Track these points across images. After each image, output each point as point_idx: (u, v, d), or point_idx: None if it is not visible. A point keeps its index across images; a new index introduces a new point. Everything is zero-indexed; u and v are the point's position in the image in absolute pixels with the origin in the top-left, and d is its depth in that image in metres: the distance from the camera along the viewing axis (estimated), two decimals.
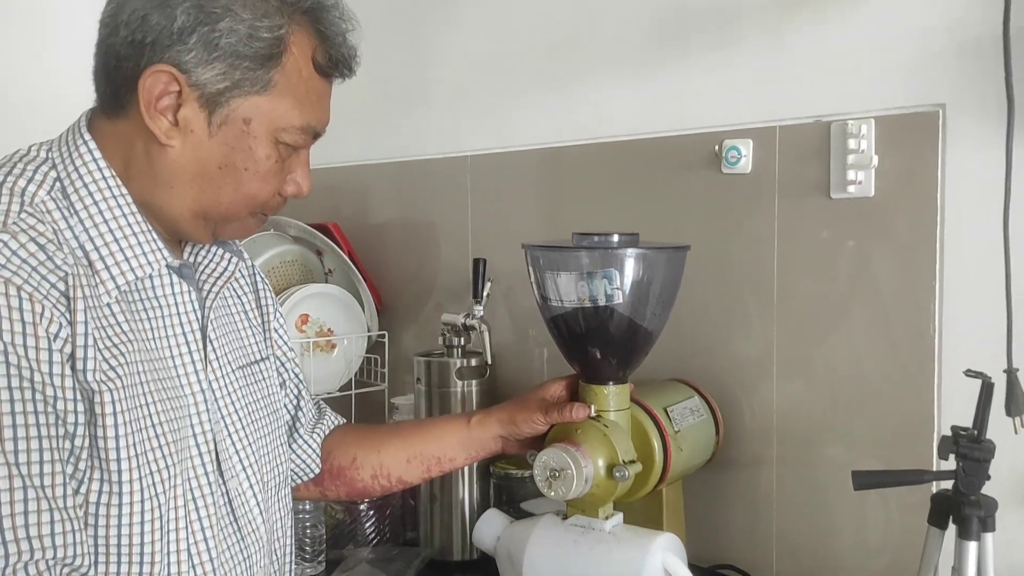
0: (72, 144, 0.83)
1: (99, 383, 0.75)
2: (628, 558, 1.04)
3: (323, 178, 2.02)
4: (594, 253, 1.08)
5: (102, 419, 0.75)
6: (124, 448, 0.77)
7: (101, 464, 0.76)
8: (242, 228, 0.89)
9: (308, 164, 0.90)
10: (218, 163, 0.82)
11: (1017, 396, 0.94)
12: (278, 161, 0.85)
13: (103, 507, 0.76)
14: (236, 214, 0.85)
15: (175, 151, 0.81)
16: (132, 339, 0.80)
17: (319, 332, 1.75)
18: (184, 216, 0.84)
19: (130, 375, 0.78)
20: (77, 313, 0.75)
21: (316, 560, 1.50)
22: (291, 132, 0.84)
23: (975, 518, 0.93)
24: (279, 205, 0.90)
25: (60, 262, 0.75)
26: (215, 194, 0.83)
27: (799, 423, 1.24)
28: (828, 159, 1.18)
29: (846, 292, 1.19)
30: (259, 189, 0.85)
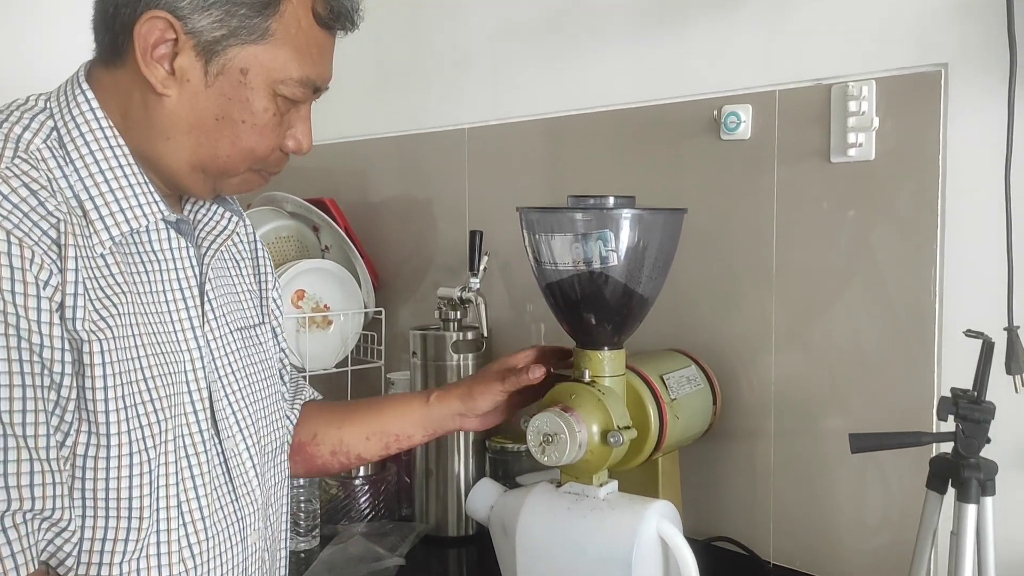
0: (70, 94, 0.82)
1: (89, 333, 0.74)
2: (622, 525, 1.03)
3: (320, 154, 2.01)
4: (589, 214, 1.06)
5: (90, 369, 0.74)
6: (112, 400, 0.75)
7: (89, 416, 0.74)
8: (242, 183, 0.87)
9: (309, 120, 0.88)
10: (215, 114, 0.81)
11: (1017, 354, 0.92)
12: (276, 114, 0.83)
13: (90, 460, 0.75)
14: (235, 168, 0.84)
15: (171, 101, 0.80)
16: (126, 291, 0.79)
17: (315, 308, 1.74)
18: (182, 169, 0.83)
19: (122, 327, 0.77)
20: (68, 261, 0.73)
21: (310, 534, 1.49)
22: (289, 85, 0.82)
23: (974, 481, 0.91)
24: (280, 161, 0.88)
25: (52, 208, 0.74)
26: (213, 146, 0.82)
27: (797, 394, 1.23)
28: (828, 123, 1.16)
29: (845, 259, 1.17)
30: (257, 143, 0.83)
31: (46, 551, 0.75)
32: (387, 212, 1.88)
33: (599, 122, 1.45)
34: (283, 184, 1.88)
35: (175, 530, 0.79)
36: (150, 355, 0.79)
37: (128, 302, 0.79)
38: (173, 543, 0.79)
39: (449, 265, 1.73)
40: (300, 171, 2.03)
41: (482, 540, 1.22)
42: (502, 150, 1.62)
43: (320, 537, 1.49)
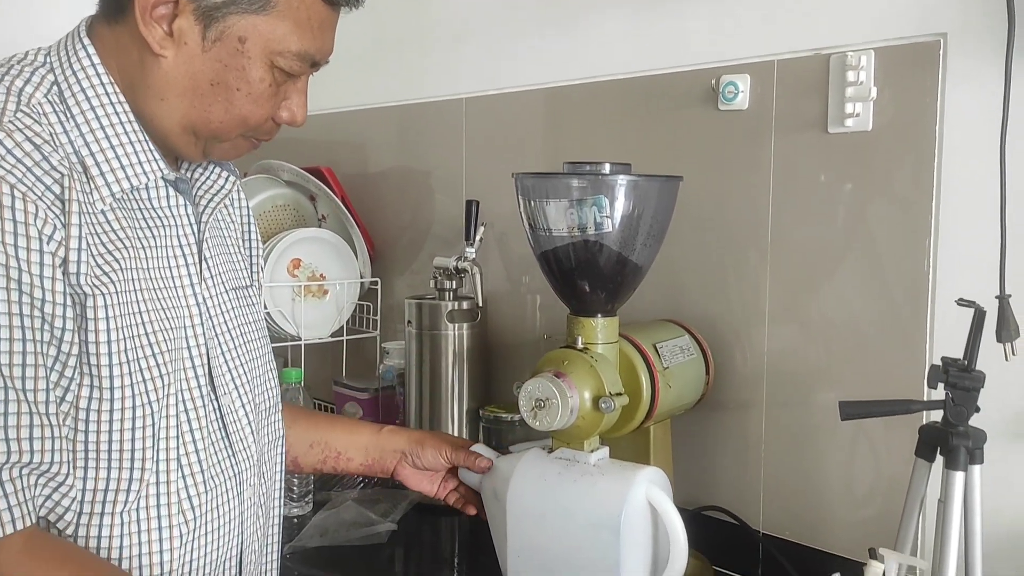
0: (71, 49, 0.82)
1: (92, 287, 0.75)
2: (612, 490, 1.03)
3: (317, 124, 2.01)
4: (584, 180, 1.06)
5: (94, 323, 0.75)
6: (116, 353, 0.76)
7: (91, 370, 0.75)
8: (233, 149, 0.87)
9: (305, 93, 0.88)
10: (210, 79, 0.81)
11: (1008, 322, 0.92)
12: (272, 85, 0.83)
13: (93, 412, 0.76)
14: (226, 134, 0.84)
15: (168, 62, 0.80)
16: (128, 247, 0.79)
17: (311, 277, 1.74)
18: (174, 130, 0.83)
19: (124, 281, 0.78)
20: (72, 216, 0.74)
21: (303, 500, 1.49)
22: (287, 57, 0.82)
23: (963, 449, 0.92)
24: (272, 131, 0.88)
25: (56, 163, 0.74)
26: (206, 111, 0.82)
27: (790, 366, 1.23)
28: (826, 93, 1.16)
29: (840, 229, 1.17)
30: (251, 112, 0.83)
31: (44, 506, 0.75)
32: (384, 182, 1.87)
33: (597, 92, 1.45)
34: (280, 153, 1.88)
35: (174, 482, 0.80)
36: (151, 310, 0.80)
37: (130, 257, 0.79)
38: (172, 494, 0.80)
39: (446, 236, 1.73)
40: (297, 141, 2.03)
41: None
42: (500, 120, 1.62)
43: (313, 503, 1.50)
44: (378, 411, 1.70)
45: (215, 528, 0.84)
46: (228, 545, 0.86)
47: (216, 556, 0.84)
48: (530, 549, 1.08)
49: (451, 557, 1.43)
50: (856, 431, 1.16)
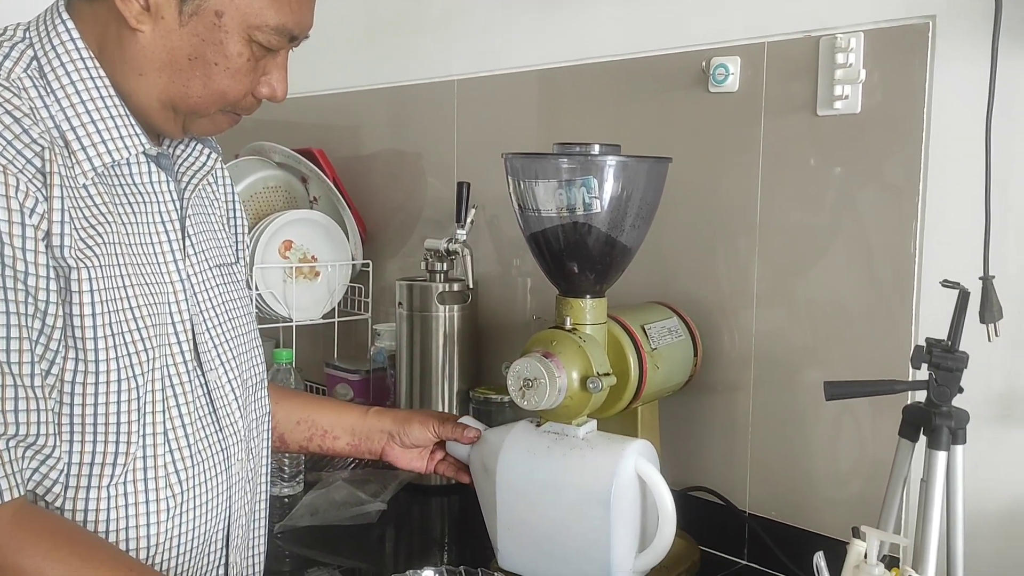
0: (50, 23, 0.81)
1: (76, 260, 0.75)
2: (601, 463, 1.04)
3: (308, 106, 2.01)
4: (573, 161, 1.07)
5: (78, 296, 0.75)
6: (101, 327, 0.76)
7: (76, 343, 0.75)
8: (212, 124, 0.87)
9: (285, 68, 0.88)
10: (188, 54, 0.80)
11: (991, 303, 0.93)
12: (251, 60, 0.83)
13: (79, 385, 0.76)
14: (205, 109, 0.84)
15: (145, 37, 0.80)
16: (110, 221, 0.79)
17: (302, 259, 1.74)
18: (153, 106, 0.83)
19: (107, 255, 0.78)
20: (54, 189, 0.74)
21: (294, 480, 1.50)
22: (265, 32, 0.82)
23: (945, 429, 0.92)
24: (252, 106, 0.88)
25: (36, 136, 0.74)
26: (184, 86, 0.81)
27: (777, 347, 1.24)
28: (816, 75, 1.16)
29: (828, 212, 1.18)
30: (229, 86, 0.83)
31: (32, 479, 0.76)
32: (376, 164, 1.87)
33: (588, 74, 1.45)
34: (271, 135, 1.88)
35: (161, 456, 0.81)
36: (135, 285, 0.80)
37: (113, 232, 0.79)
38: (159, 468, 0.81)
39: (437, 219, 1.73)
40: (289, 123, 2.03)
41: (464, 490, 1.23)
42: (491, 102, 1.62)
43: (304, 483, 1.51)
44: (369, 393, 1.71)
45: (203, 503, 0.84)
46: (216, 519, 0.86)
47: (204, 530, 0.85)
48: (520, 522, 1.10)
49: (441, 537, 1.44)
50: (842, 412, 1.17)
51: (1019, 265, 1.03)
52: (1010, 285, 1.02)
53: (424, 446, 1.16)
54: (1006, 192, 1.02)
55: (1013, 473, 1.06)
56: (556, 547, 1.07)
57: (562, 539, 1.07)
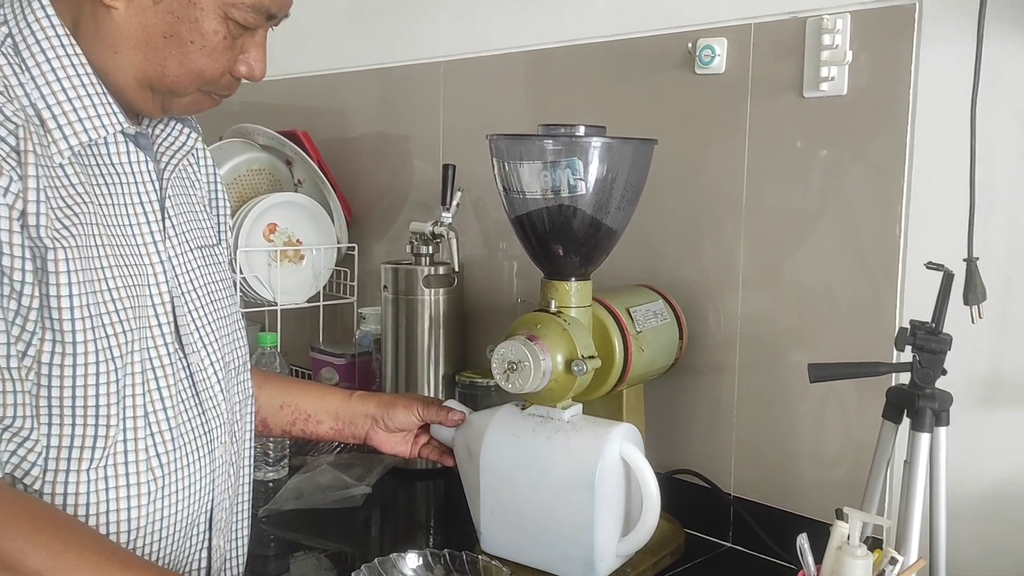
0: (24, 1, 0.79)
1: (53, 240, 0.74)
2: (586, 447, 1.04)
3: (293, 88, 1.99)
4: (558, 142, 1.06)
5: (55, 277, 0.74)
6: (78, 308, 0.75)
7: (53, 324, 0.74)
8: (192, 104, 0.86)
9: (264, 47, 0.86)
10: (163, 32, 0.79)
11: (975, 285, 0.93)
12: (227, 38, 0.81)
13: (56, 367, 0.75)
14: (183, 88, 0.82)
15: (119, 14, 0.78)
16: (87, 201, 0.78)
17: (287, 242, 1.73)
18: (130, 84, 0.81)
19: (84, 236, 0.77)
20: (28, 167, 0.72)
21: (279, 464, 1.50)
22: (241, 9, 0.80)
23: (928, 410, 0.93)
24: (231, 85, 0.86)
25: (10, 114, 0.73)
26: (160, 65, 0.80)
27: (763, 330, 1.24)
28: (802, 57, 1.15)
29: (814, 194, 1.17)
30: (206, 65, 0.81)
31: (10, 462, 0.75)
32: (361, 147, 1.86)
33: (575, 56, 1.44)
34: (256, 117, 1.86)
35: (142, 439, 0.80)
36: (113, 266, 0.79)
37: (90, 212, 0.78)
38: (140, 452, 0.80)
39: (423, 201, 1.72)
40: (273, 105, 2.01)
41: (449, 474, 1.23)
42: (478, 84, 1.60)
43: (289, 467, 1.50)
44: (355, 377, 1.70)
45: (185, 486, 0.83)
46: (198, 503, 0.85)
47: (186, 514, 0.84)
48: (503, 506, 1.09)
49: (426, 520, 1.44)
50: (827, 394, 1.17)
51: (1003, 247, 1.03)
52: (994, 267, 1.02)
53: (408, 430, 1.15)
54: (991, 174, 1.02)
55: (996, 455, 1.06)
56: (540, 531, 1.07)
57: (546, 523, 1.06)
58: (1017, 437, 1.05)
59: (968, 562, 1.05)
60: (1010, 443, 1.05)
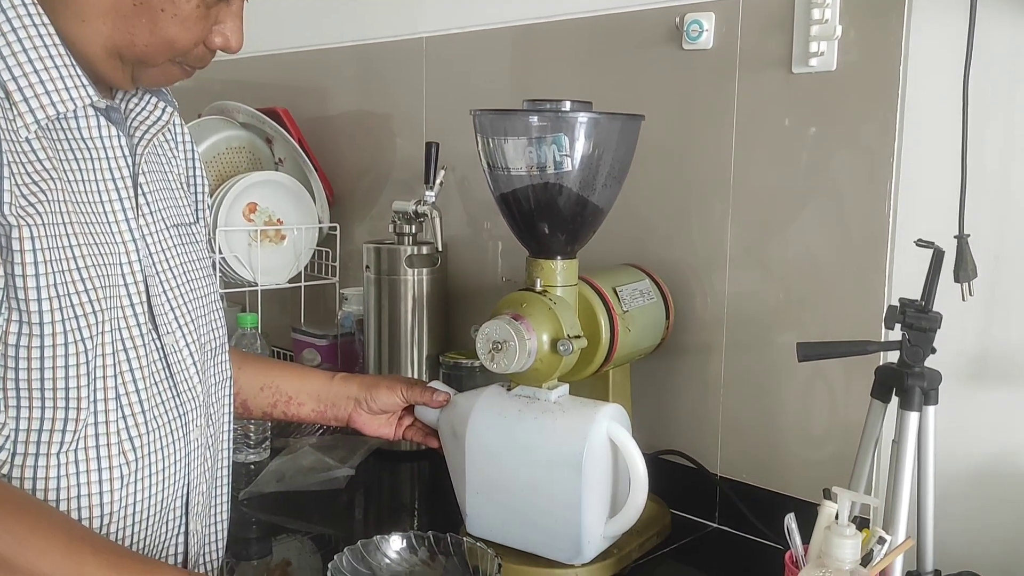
0: None
1: (18, 218, 0.71)
2: (573, 427, 1.03)
3: (274, 64, 1.95)
4: (544, 118, 1.04)
5: (20, 256, 0.71)
6: (45, 288, 0.73)
7: (19, 304, 0.72)
8: (163, 75, 0.82)
9: (240, 17, 0.83)
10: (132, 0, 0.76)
11: (966, 262, 0.92)
12: (201, 7, 0.78)
13: (23, 349, 0.72)
14: (153, 59, 0.79)
15: None
16: (55, 177, 0.75)
17: (268, 222, 1.70)
18: (99, 54, 0.78)
19: (52, 213, 0.74)
20: None
21: (261, 447, 1.48)
22: None
23: (918, 389, 0.92)
24: (205, 57, 0.83)
25: None
26: (129, 33, 0.77)
27: (750, 309, 1.23)
28: (791, 31, 1.14)
29: (803, 171, 1.16)
30: (178, 35, 0.78)
31: None
32: (343, 125, 1.83)
33: (560, 31, 1.41)
34: (235, 94, 1.83)
35: (113, 422, 0.78)
36: (82, 244, 0.76)
37: (58, 189, 0.75)
38: (112, 435, 0.77)
39: (406, 180, 1.70)
40: (253, 82, 1.98)
41: (433, 456, 1.21)
42: (461, 61, 1.58)
43: (271, 450, 1.48)
44: (337, 358, 1.68)
45: (159, 470, 0.81)
46: (174, 487, 0.83)
47: (160, 498, 0.82)
48: (489, 487, 1.08)
49: (410, 502, 1.43)
50: (814, 374, 1.17)
51: (991, 225, 1.03)
52: (983, 245, 1.01)
53: (392, 411, 1.13)
54: (982, 150, 1.01)
55: (984, 434, 1.06)
56: (526, 512, 1.06)
57: (532, 504, 1.05)
58: (1005, 415, 1.04)
59: (956, 541, 1.05)
60: (998, 422, 1.05)
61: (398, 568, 1.04)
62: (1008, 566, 1.01)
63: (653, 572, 1.13)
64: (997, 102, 1.01)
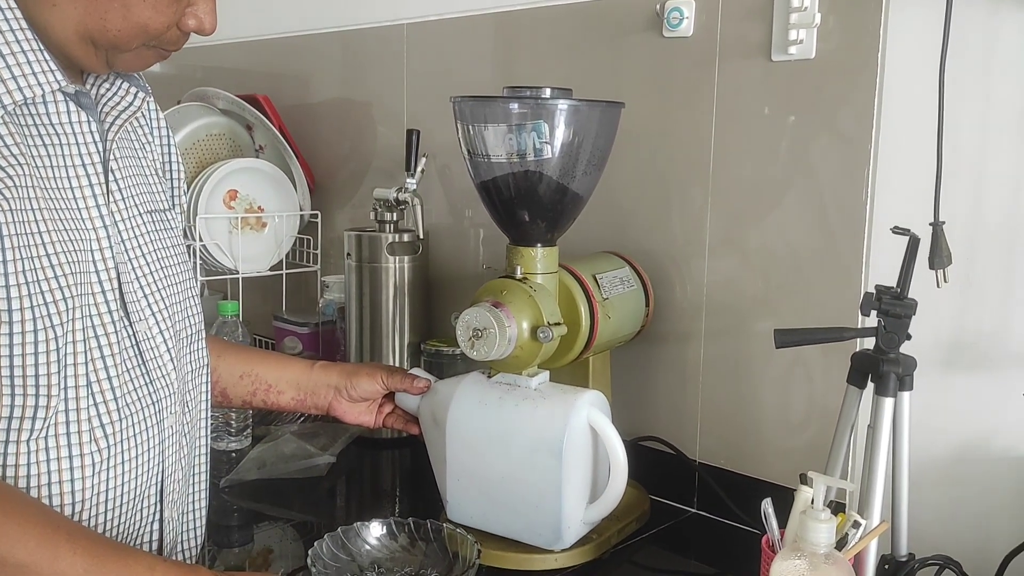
0: None
1: None
2: (554, 414, 1.03)
3: (253, 51, 1.94)
4: (524, 104, 1.04)
5: None
6: (13, 275, 0.72)
7: None
8: (138, 59, 0.82)
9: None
10: None
11: (941, 249, 0.93)
12: None
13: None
14: (127, 43, 0.78)
15: None
16: (23, 163, 0.74)
17: (248, 209, 1.69)
18: (71, 39, 0.77)
19: (20, 199, 0.73)
20: None
21: (242, 434, 1.48)
22: None
23: (892, 375, 0.93)
24: (179, 40, 0.82)
25: None
26: (101, 18, 0.76)
27: (729, 297, 1.23)
28: (771, 19, 1.14)
29: (781, 159, 1.17)
30: (150, 18, 0.77)
31: None
32: (324, 112, 1.82)
33: (542, 18, 1.41)
34: (215, 80, 1.81)
35: (84, 410, 0.77)
36: (52, 231, 0.75)
37: (26, 175, 0.74)
38: (83, 423, 0.77)
39: (388, 168, 1.69)
40: (233, 69, 1.96)
41: (414, 443, 1.21)
42: (442, 48, 1.57)
43: (252, 437, 1.48)
44: (318, 346, 1.68)
45: (132, 457, 0.81)
46: (147, 474, 0.83)
47: (134, 486, 0.81)
48: (470, 474, 1.08)
49: (391, 489, 1.43)
50: (793, 361, 1.18)
51: (969, 211, 1.04)
52: (958, 232, 1.02)
53: (372, 399, 1.13)
54: (957, 138, 1.02)
55: (959, 419, 1.07)
56: (506, 498, 1.06)
57: (513, 490, 1.06)
58: (979, 401, 1.06)
59: (930, 525, 1.06)
60: (972, 407, 1.06)
61: (378, 554, 1.04)
62: (982, 549, 1.02)
63: (632, 557, 1.14)
64: (973, 90, 1.02)
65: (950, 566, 0.96)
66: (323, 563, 0.99)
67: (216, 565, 1.12)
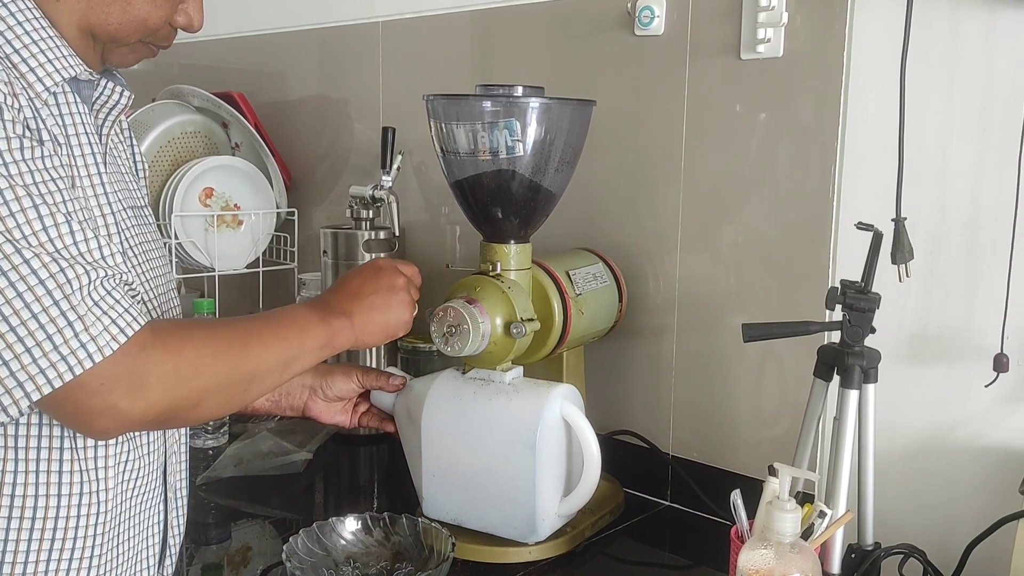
0: None
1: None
2: (527, 407, 1.05)
3: (229, 48, 1.94)
4: (496, 103, 1.05)
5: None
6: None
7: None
8: (132, 54, 0.86)
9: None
10: None
11: (903, 244, 0.95)
12: None
13: None
14: (126, 37, 0.82)
15: None
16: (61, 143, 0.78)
17: (224, 207, 1.69)
18: (72, 33, 0.80)
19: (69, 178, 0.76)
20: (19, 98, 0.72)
21: (219, 432, 1.48)
22: None
23: (857, 368, 0.95)
24: (169, 36, 0.86)
25: None
26: (103, 12, 0.80)
27: (701, 292, 1.25)
28: (740, 18, 1.16)
29: (751, 157, 1.18)
30: (150, 13, 0.81)
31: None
32: (300, 110, 1.82)
33: (516, 16, 1.42)
34: (190, 78, 1.81)
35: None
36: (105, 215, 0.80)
37: (63, 153, 0.78)
38: None
39: (364, 165, 1.70)
40: (208, 67, 1.96)
41: (391, 439, 1.22)
42: (417, 46, 1.58)
43: (229, 435, 1.48)
44: None
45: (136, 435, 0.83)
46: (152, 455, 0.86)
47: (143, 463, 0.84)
48: (445, 469, 1.09)
49: (368, 485, 1.44)
50: (764, 355, 1.19)
51: (931, 207, 1.06)
52: (922, 227, 1.04)
53: (347, 398, 1.14)
54: (921, 135, 1.04)
55: (922, 411, 1.09)
56: (481, 493, 1.08)
57: (487, 484, 1.07)
58: (942, 392, 1.08)
59: (895, 515, 1.09)
60: (935, 398, 1.08)
61: (353, 549, 1.05)
62: (945, 538, 1.04)
63: (606, 549, 1.16)
64: (937, 88, 1.04)
65: (915, 555, 0.98)
66: (298, 558, 0.99)
67: (194, 563, 1.12)
